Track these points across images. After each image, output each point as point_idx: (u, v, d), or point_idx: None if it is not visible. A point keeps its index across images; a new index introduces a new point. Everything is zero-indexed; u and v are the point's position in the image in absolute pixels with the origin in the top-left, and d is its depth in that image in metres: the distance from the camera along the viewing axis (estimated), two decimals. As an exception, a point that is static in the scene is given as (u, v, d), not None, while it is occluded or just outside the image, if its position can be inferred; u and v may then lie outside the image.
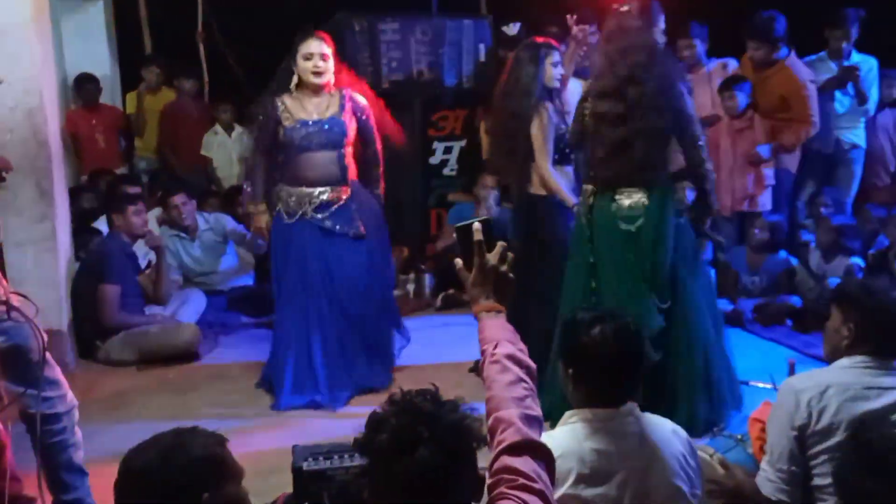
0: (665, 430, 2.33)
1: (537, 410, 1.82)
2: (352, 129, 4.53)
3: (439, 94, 6.82)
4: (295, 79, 4.45)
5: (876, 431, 1.78)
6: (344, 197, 4.52)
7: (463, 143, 6.87)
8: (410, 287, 6.35)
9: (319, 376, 4.45)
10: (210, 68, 7.71)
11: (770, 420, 2.61)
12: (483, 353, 1.94)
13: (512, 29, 6.43)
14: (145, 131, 7.32)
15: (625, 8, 3.86)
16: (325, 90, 4.49)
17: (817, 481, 2.49)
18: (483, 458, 1.71)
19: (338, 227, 4.50)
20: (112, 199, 5.44)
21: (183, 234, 6.11)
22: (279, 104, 4.45)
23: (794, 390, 2.53)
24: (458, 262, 2.02)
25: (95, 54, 7.52)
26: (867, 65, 6.09)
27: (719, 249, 5.91)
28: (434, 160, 6.87)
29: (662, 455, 2.23)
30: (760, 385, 4.37)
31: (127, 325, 5.09)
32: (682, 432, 2.37)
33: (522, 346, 1.94)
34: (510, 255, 2.00)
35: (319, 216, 4.47)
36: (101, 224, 5.69)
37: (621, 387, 2.31)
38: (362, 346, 4.64)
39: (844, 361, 2.57)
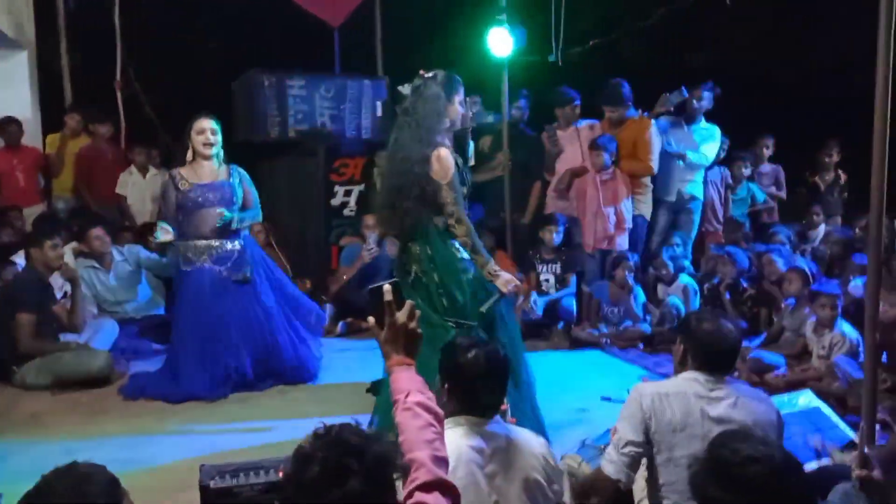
0: (526, 435, 2.47)
1: (444, 452, 1.85)
2: (240, 191, 4.80)
3: (341, 143, 6.86)
4: (189, 153, 4.70)
5: (726, 446, 1.82)
6: (237, 248, 4.77)
7: (361, 187, 6.89)
8: (312, 316, 6.22)
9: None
10: (127, 114, 7.51)
11: (620, 415, 2.73)
12: (396, 402, 1.94)
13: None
14: (62, 172, 7.05)
15: (429, 74, 3.72)
16: (214, 159, 4.72)
17: (662, 479, 2.59)
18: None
19: (227, 273, 4.72)
20: (30, 234, 5.16)
21: (97, 265, 5.86)
22: (177, 175, 4.72)
23: (641, 393, 2.68)
24: (371, 320, 2.02)
25: (18, 99, 7.26)
26: (711, 130, 6.36)
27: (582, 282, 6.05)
28: (335, 202, 6.85)
29: (524, 453, 2.36)
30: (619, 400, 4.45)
31: (41, 352, 4.85)
32: (542, 439, 2.50)
33: (431, 394, 1.96)
34: (417, 312, 2.00)
35: (216, 266, 4.69)
36: (19, 258, 5.40)
37: (489, 400, 2.42)
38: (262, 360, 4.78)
39: (686, 374, 2.73)
